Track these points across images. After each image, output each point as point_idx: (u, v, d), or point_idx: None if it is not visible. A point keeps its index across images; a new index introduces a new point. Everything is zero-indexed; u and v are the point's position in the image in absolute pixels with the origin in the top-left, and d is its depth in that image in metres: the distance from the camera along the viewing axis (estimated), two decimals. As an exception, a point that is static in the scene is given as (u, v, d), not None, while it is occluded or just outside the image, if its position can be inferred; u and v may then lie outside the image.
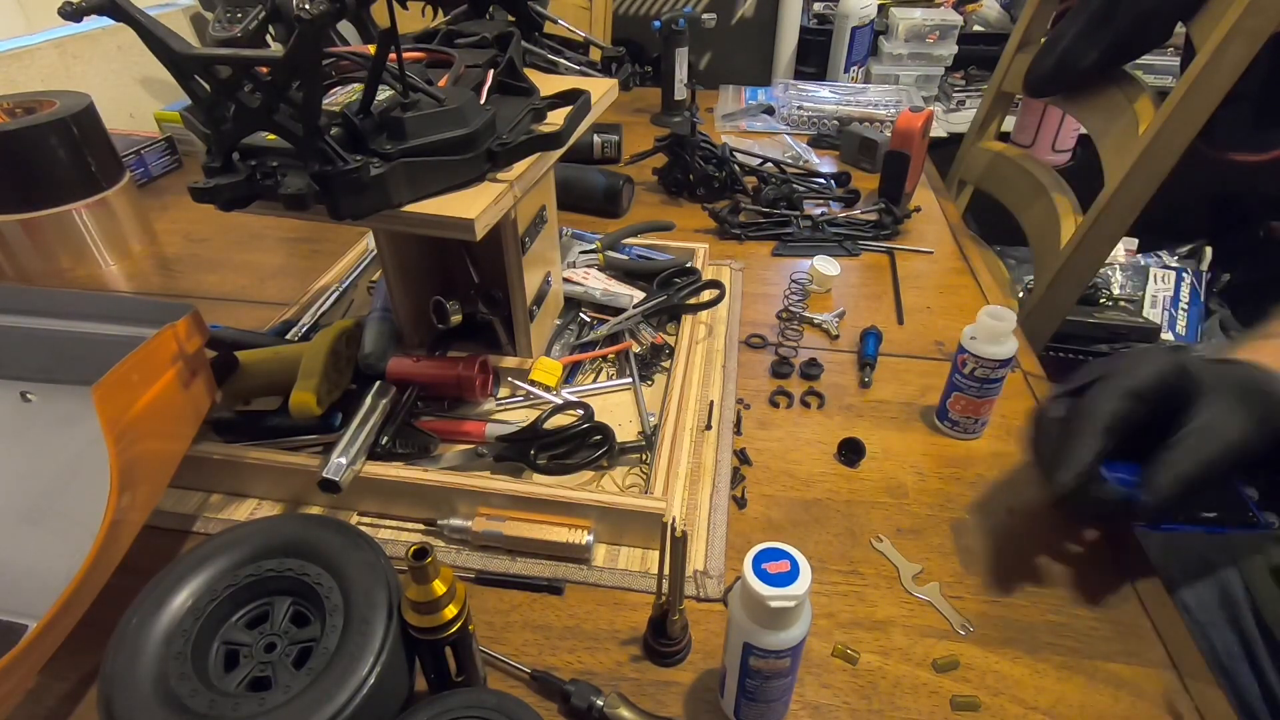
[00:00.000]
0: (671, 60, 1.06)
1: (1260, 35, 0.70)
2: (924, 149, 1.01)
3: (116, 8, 0.42)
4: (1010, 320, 0.58)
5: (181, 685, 0.37)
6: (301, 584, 0.41)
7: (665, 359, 0.71)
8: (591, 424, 0.58)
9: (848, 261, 0.92)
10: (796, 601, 0.36)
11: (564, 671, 0.46)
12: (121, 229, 0.95)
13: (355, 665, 0.37)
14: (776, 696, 0.41)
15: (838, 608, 0.50)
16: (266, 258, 0.94)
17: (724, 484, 0.59)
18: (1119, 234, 0.86)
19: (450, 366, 0.62)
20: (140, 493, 0.46)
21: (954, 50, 1.81)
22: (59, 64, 1.17)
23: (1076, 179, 0.99)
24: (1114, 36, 0.88)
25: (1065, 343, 1.31)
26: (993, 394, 0.61)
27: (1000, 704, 0.44)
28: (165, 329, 0.50)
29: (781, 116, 1.34)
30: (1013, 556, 0.54)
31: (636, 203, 1.07)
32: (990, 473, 0.61)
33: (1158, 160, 0.80)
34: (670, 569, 0.42)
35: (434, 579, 0.37)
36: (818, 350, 0.76)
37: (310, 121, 0.43)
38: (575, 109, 0.55)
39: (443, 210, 0.48)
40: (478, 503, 0.54)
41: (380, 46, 0.43)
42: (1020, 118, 1.74)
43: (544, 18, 0.70)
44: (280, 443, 0.58)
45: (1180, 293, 1.41)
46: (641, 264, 0.81)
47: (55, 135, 0.86)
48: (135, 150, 1.11)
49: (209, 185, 0.46)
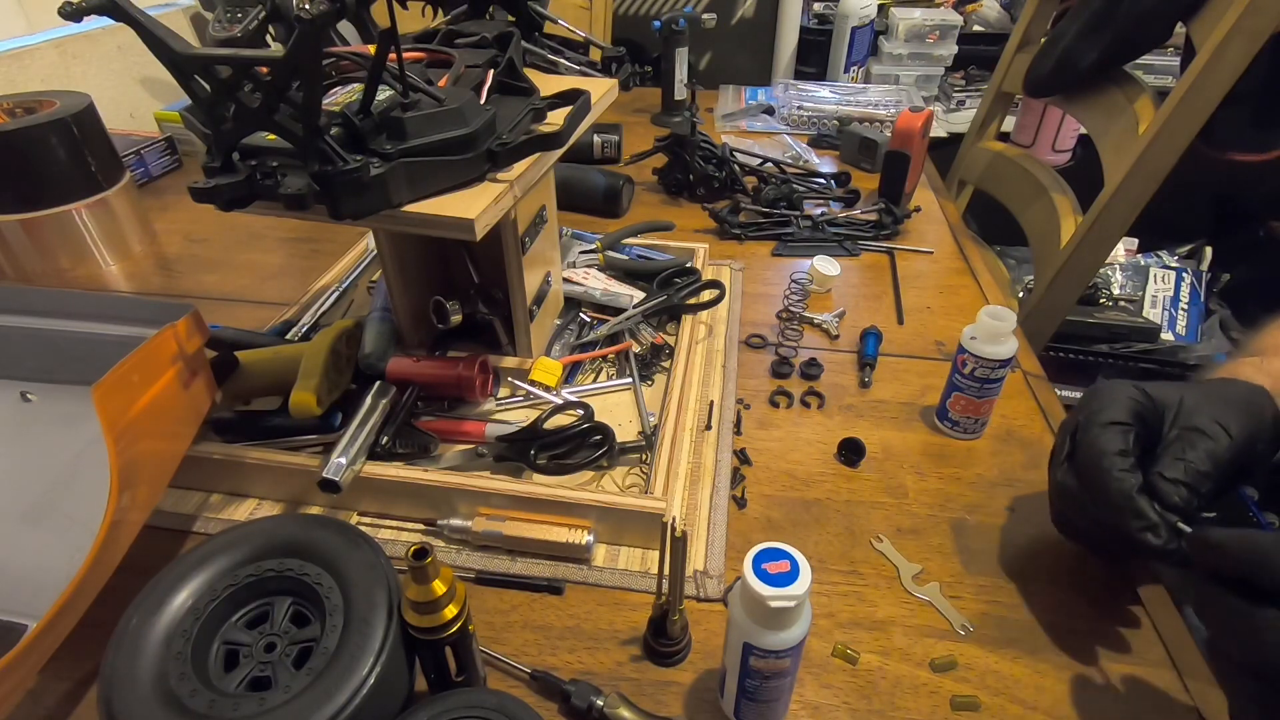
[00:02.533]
0: (671, 60, 1.06)
1: (1260, 35, 0.70)
2: (924, 149, 1.01)
3: (116, 8, 0.42)
4: (1010, 320, 0.58)
5: (181, 685, 0.37)
6: (301, 584, 0.41)
7: (665, 359, 0.71)
8: (591, 424, 0.58)
9: (848, 261, 0.92)
10: (796, 601, 0.36)
11: (564, 671, 0.46)
12: (121, 229, 0.95)
13: (355, 665, 0.37)
14: (776, 696, 0.41)
15: (838, 608, 0.50)
16: (266, 258, 0.94)
17: (724, 484, 0.59)
18: (1119, 234, 0.86)
19: (450, 366, 0.62)
20: (140, 493, 0.46)
21: (954, 50, 1.81)
22: (59, 64, 1.17)
23: (1076, 179, 0.99)
24: (1114, 36, 0.88)
25: (1065, 343, 1.31)
26: (993, 394, 0.61)
27: (1000, 704, 0.44)
28: (165, 329, 0.50)
29: (781, 116, 1.34)
30: (1013, 557, 0.54)
31: (636, 203, 1.07)
32: (990, 473, 0.61)
33: (1158, 160, 0.80)
34: (670, 569, 0.42)
35: (434, 579, 0.37)
36: (818, 350, 0.76)
37: (310, 121, 0.43)
38: (575, 109, 0.55)
39: (443, 210, 0.48)
40: (478, 503, 0.54)
41: (380, 46, 0.43)
42: (1020, 118, 1.74)
43: (544, 18, 0.70)
44: (280, 443, 0.58)
45: (1180, 293, 1.41)
46: (641, 264, 0.81)
47: (55, 135, 0.86)
48: (135, 150, 1.11)
49: (209, 185, 0.46)
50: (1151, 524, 0.41)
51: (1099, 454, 0.44)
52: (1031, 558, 0.54)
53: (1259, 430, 0.43)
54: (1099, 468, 0.43)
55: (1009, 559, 0.54)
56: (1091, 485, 0.44)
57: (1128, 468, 0.43)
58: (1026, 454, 0.63)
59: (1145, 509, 0.41)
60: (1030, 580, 0.52)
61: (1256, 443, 0.43)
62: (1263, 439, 0.44)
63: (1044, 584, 0.52)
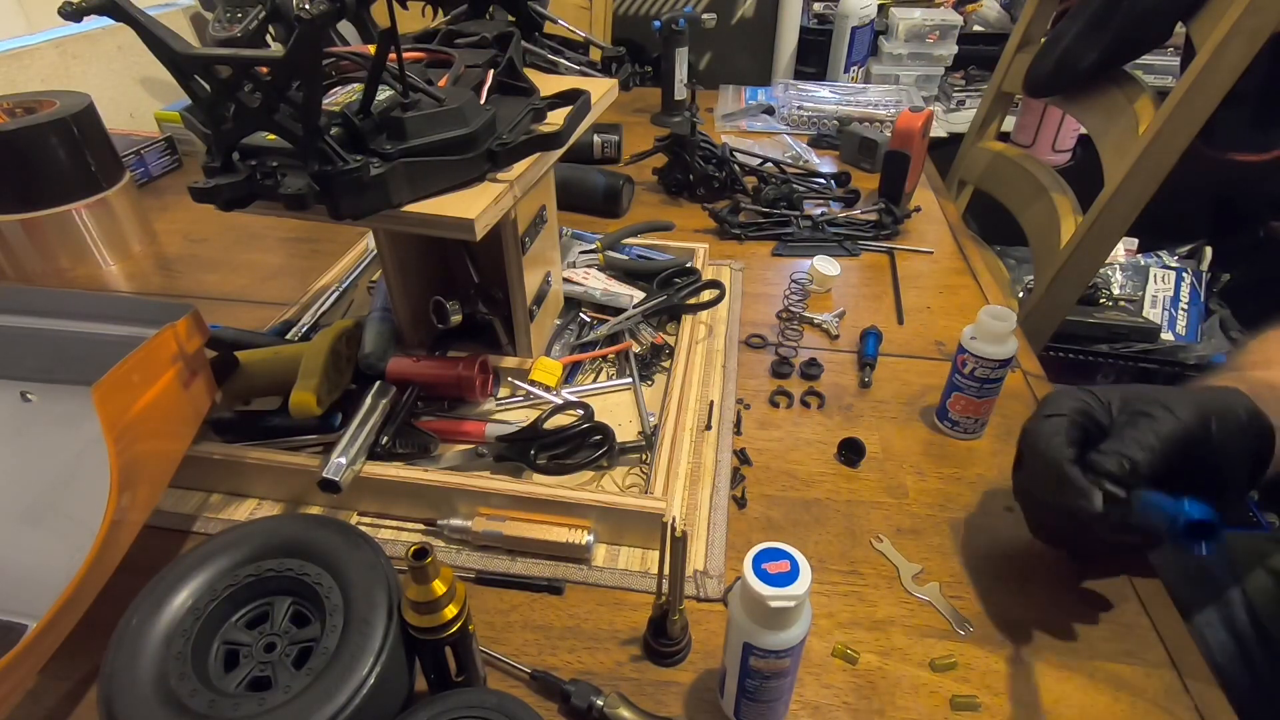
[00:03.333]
0: (671, 60, 1.06)
1: (1260, 35, 0.70)
2: (924, 149, 1.01)
3: (116, 8, 0.42)
4: (1010, 320, 0.58)
5: (181, 685, 0.37)
6: (301, 584, 0.41)
7: (665, 359, 0.71)
8: (591, 424, 0.58)
9: (848, 261, 0.92)
10: (796, 601, 0.36)
11: (564, 671, 0.46)
12: (121, 229, 0.95)
13: (355, 665, 0.37)
14: (776, 696, 0.41)
15: (838, 608, 0.50)
16: (266, 258, 0.94)
17: (724, 484, 0.59)
18: (1119, 234, 0.86)
19: (450, 366, 0.62)
20: (140, 493, 0.46)
21: (954, 50, 1.81)
22: (59, 64, 1.17)
23: (1076, 179, 0.99)
24: (1114, 36, 0.88)
25: (1065, 343, 1.31)
26: (993, 394, 0.61)
27: (1000, 704, 0.44)
28: (165, 329, 0.50)
29: (781, 116, 1.34)
30: (1013, 556, 0.54)
31: (636, 203, 1.07)
32: (990, 473, 0.61)
33: (1158, 160, 0.79)
34: (670, 569, 0.42)
35: (434, 579, 0.37)
36: (818, 350, 0.76)
37: (310, 121, 0.43)
38: (575, 109, 0.55)
39: (443, 210, 0.48)
40: (478, 503, 0.54)
41: (380, 46, 0.43)
42: (1020, 118, 1.74)
43: (544, 18, 0.70)
44: (280, 443, 0.58)
45: (1180, 293, 1.41)
46: (641, 264, 0.81)
47: (55, 135, 0.86)
48: (135, 150, 1.11)
49: (209, 185, 0.46)
50: (1082, 489, 0.42)
51: (1035, 437, 0.46)
52: (1031, 558, 0.54)
53: (1224, 422, 0.44)
54: (1035, 450, 0.45)
55: (1009, 559, 0.54)
56: (1032, 471, 0.46)
57: (1061, 443, 0.44)
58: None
59: (1075, 475, 0.43)
60: (1030, 580, 0.52)
61: (1215, 432, 0.43)
62: (1230, 432, 0.44)
63: (1044, 584, 0.52)
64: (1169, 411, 0.43)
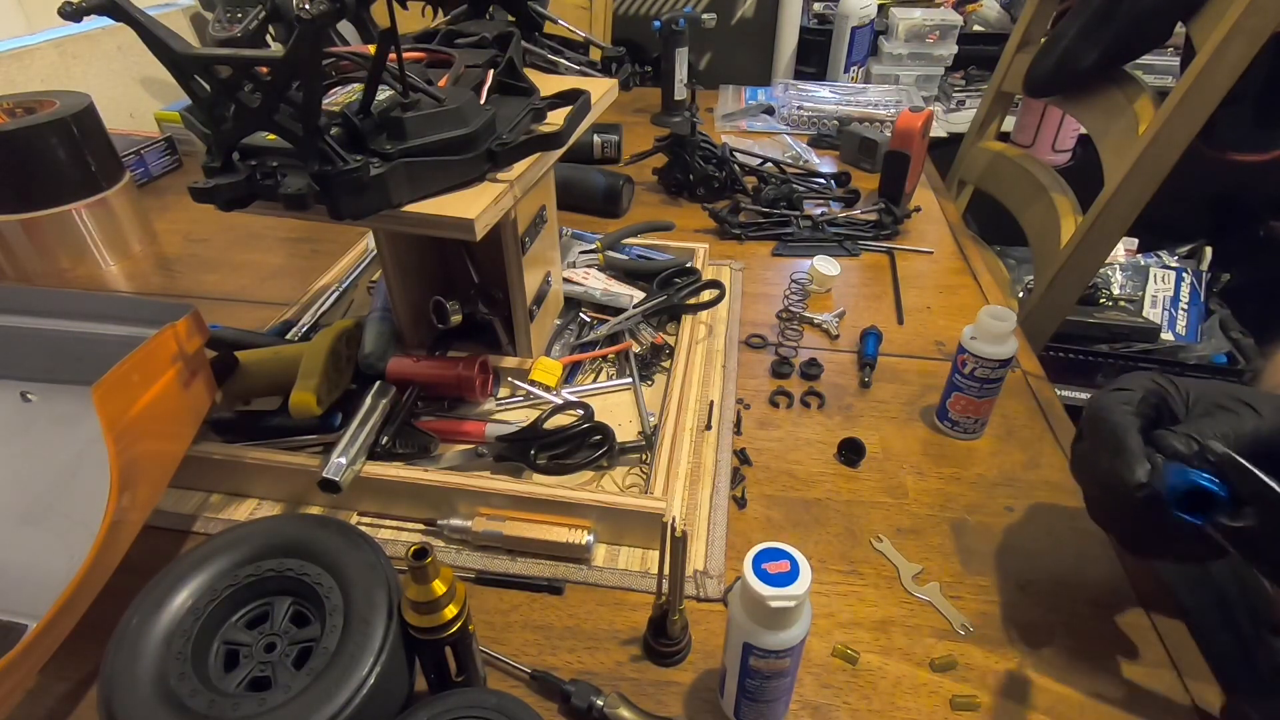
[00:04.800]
0: (671, 60, 1.06)
1: (1260, 35, 0.70)
2: (924, 149, 1.01)
3: (116, 8, 0.42)
4: (1010, 320, 0.58)
5: (181, 685, 0.37)
6: (301, 584, 0.41)
7: (665, 359, 0.71)
8: (591, 424, 0.58)
9: (848, 261, 0.92)
10: (796, 601, 0.36)
11: (564, 671, 0.46)
12: (121, 229, 0.95)
13: (355, 665, 0.37)
14: (776, 696, 0.41)
15: (838, 608, 0.50)
16: (266, 258, 0.94)
17: (724, 484, 0.59)
18: (1119, 234, 0.86)
19: (450, 366, 0.62)
20: (140, 493, 0.46)
21: (954, 50, 1.81)
22: (59, 64, 1.17)
23: (1076, 179, 0.99)
24: (1114, 36, 0.88)
25: (1065, 343, 1.31)
26: (993, 394, 0.61)
27: (1000, 704, 0.44)
28: (165, 329, 0.50)
29: (781, 116, 1.34)
30: (1013, 557, 0.54)
31: (636, 203, 1.07)
32: (990, 473, 0.61)
33: (1158, 160, 0.80)
34: (670, 569, 0.42)
35: (434, 579, 0.37)
36: (818, 350, 0.76)
37: (310, 121, 0.43)
38: (575, 109, 0.55)
39: (443, 210, 0.48)
40: (478, 503, 0.54)
41: (380, 46, 0.43)
42: (1020, 118, 1.74)
43: (544, 18, 0.70)
44: (280, 443, 0.58)
45: (1180, 293, 1.41)
46: (641, 264, 0.81)
47: (55, 135, 0.86)
48: (135, 150, 1.11)
49: (209, 185, 0.46)
50: (1134, 455, 0.39)
51: (1102, 404, 0.43)
52: (1031, 558, 0.54)
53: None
54: (1099, 416, 0.43)
55: (1009, 559, 0.54)
56: (1094, 439, 0.43)
57: (1129, 412, 0.42)
58: (1026, 454, 0.63)
59: (1134, 444, 0.40)
60: (1030, 580, 0.52)
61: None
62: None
63: (1044, 584, 0.52)
64: (1252, 409, 0.41)
